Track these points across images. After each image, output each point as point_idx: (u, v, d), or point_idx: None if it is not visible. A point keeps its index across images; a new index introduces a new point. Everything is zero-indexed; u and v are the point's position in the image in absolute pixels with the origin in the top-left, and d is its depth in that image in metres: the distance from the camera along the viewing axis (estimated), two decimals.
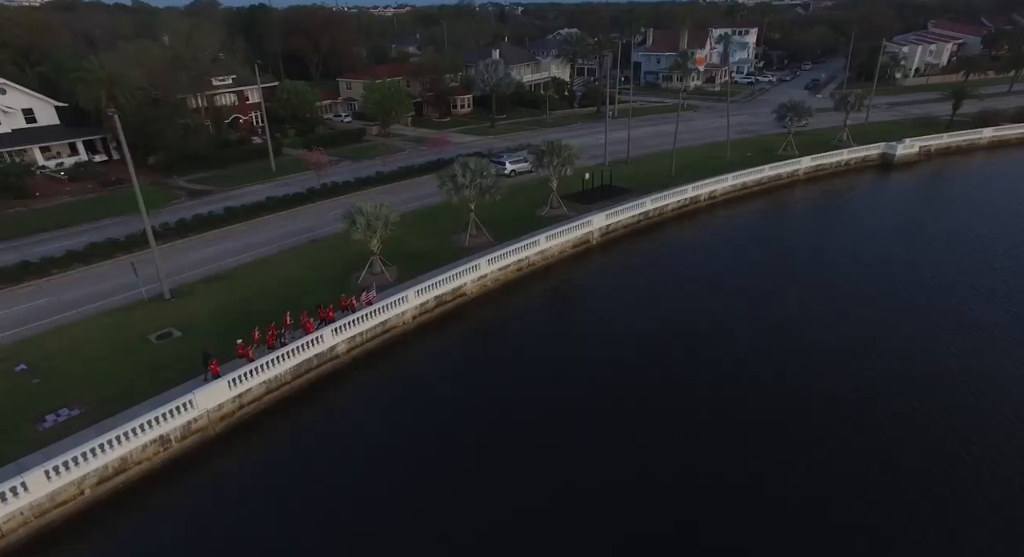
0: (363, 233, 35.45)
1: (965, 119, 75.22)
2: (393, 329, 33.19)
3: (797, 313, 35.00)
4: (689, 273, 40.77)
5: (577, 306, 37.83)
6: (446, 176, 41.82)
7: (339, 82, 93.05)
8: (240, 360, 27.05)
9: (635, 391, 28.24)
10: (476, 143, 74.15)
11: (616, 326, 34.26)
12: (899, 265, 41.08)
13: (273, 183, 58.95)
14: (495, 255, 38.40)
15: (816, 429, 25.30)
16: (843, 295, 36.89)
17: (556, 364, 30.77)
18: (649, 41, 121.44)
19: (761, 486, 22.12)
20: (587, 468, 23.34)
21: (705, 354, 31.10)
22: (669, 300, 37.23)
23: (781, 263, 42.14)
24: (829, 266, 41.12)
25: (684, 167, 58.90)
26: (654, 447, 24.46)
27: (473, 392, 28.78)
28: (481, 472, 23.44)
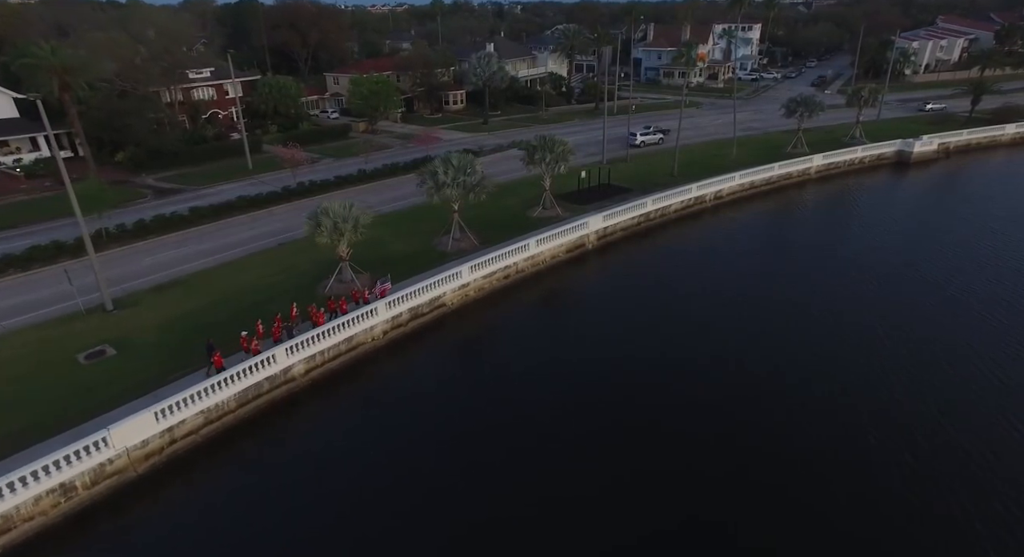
0: (329, 236, 31.64)
1: (984, 115, 71.42)
2: (361, 346, 29.34)
3: (814, 327, 31.15)
4: (694, 281, 36.92)
5: (570, 319, 33.93)
6: (426, 173, 38.04)
7: (326, 77, 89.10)
8: (246, 354, 25.52)
9: (635, 418, 24.42)
10: (467, 140, 70.34)
11: (613, 343, 30.40)
12: (921, 273, 37.24)
13: (248, 181, 55.24)
14: (479, 261, 34.57)
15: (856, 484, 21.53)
16: (868, 307, 33.00)
17: (546, 386, 26.94)
18: (650, 36, 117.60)
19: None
20: (583, 517, 19.52)
21: (714, 376, 27.27)
22: (672, 312, 33.36)
23: (794, 270, 38.28)
24: (847, 275, 37.16)
25: (687, 165, 55.12)
26: (660, 490, 20.63)
27: (452, 420, 24.90)
28: (464, 528, 19.59)
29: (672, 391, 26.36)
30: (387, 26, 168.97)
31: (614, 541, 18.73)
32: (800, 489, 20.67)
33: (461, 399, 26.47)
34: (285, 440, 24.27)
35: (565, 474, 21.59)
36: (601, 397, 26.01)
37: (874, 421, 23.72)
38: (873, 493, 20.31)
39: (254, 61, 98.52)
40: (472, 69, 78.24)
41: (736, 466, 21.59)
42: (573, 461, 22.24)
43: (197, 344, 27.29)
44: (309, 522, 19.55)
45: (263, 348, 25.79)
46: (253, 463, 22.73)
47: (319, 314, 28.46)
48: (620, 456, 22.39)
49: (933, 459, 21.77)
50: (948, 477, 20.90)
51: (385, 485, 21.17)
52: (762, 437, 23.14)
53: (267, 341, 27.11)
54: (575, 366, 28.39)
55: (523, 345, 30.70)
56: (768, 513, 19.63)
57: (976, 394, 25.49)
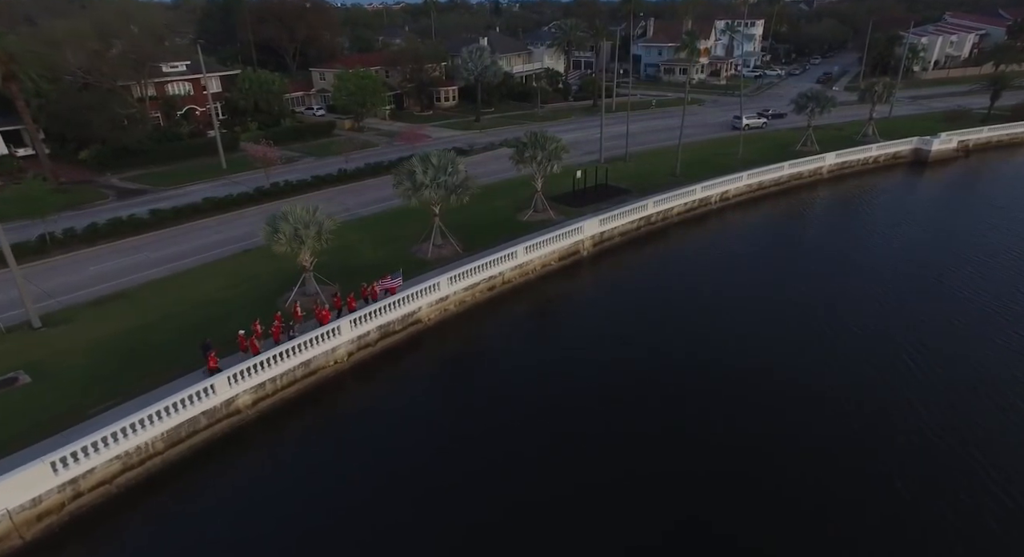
0: (288, 244, 27.91)
1: (1003, 112, 67.71)
2: (321, 371, 25.63)
3: (839, 353, 27.47)
4: (700, 293, 33.22)
5: (562, 337, 30.15)
6: (403, 173, 34.35)
7: (312, 73, 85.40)
8: (243, 355, 23.96)
9: (633, 449, 20.80)
10: (458, 138, 66.73)
11: (610, 366, 26.72)
12: (951, 288, 33.58)
13: (220, 182, 51.56)
14: (460, 272, 30.85)
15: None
16: (895, 325, 29.34)
17: (534, 415, 23.29)
18: (650, 32, 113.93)
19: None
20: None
21: (725, 406, 23.60)
22: (676, 329, 29.68)
23: (810, 283, 34.57)
24: (871, 292, 33.47)
25: (690, 165, 51.42)
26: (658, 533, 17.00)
27: (425, 467, 21.18)
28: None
29: (681, 427, 22.67)
30: (381, 22, 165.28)
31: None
32: (814, 500, 18.94)
33: (437, 435, 22.76)
34: (225, 487, 20.55)
35: (555, 530, 17.90)
36: (598, 436, 22.30)
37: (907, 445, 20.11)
38: (877, 501, 18.66)
39: (239, 57, 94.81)
40: (463, 63, 74.47)
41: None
42: (567, 517, 18.54)
43: (131, 370, 23.76)
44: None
45: (263, 348, 24.12)
46: (184, 517, 19.00)
47: (325, 313, 26.97)
48: (623, 512, 18.70)
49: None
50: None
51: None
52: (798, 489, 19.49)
53: (267, 341, 25.18)
54: (569, 393, 24.72)
55: (509, 367, 26.97)
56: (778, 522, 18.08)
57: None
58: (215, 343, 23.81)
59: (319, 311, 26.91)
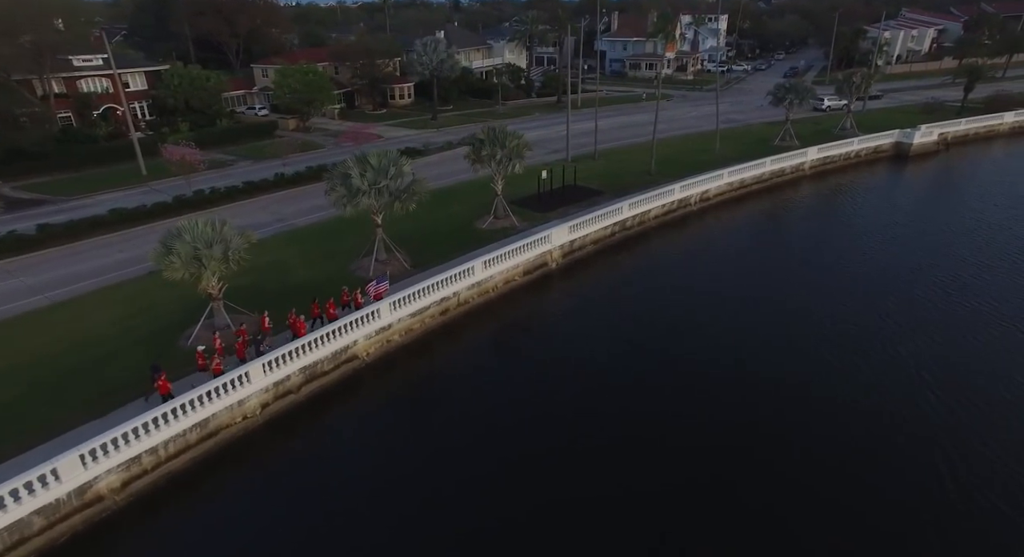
0: (185, 269, 22.30)
1: (976, 105, 66.02)
2: (224, 430, 20.13)
3: (834, 368, 23.36)
4: (686, 309, 28.77)
5: (529, 367, 25.19)
6: (336, 177, 28.99)
7: (253, 69, 78.68)
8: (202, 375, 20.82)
9: (609, 502, 16.09)
10: (413, 138, 61.39)
11: (589, 405, 22.00)
12: (954, 291, 30.05)
13: (138, 189, 45.24)
14: (406, 294, 25.65)
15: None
16: (907, 344, 25.45)
17: (499, 478, 18.36)
18: (614, 26, 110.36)
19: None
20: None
21: (716, 437, 19.13)
22: (660, 355, 25.16)
23: (805, 293, 30.55)
24: (871, 302, 29.66)
25: (665, 162, 47.33)
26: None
27: (363, 539, 16.00)
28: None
29: (665, 471, 18.07)
30: (335, 19, 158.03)
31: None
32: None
33: (378, 509, 17.52)
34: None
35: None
36: (582, 504, 17.48)
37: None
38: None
39: (173, 53, 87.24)
40: (418, 57, 69.00)
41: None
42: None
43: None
44: None
45: (226, 367, 20.74)
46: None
47: (300, 324, 23.51)
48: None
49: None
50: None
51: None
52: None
53: (231, 359, 21.78)
54: (542, 446, 19.81)
55: (467, 413, 21.90)
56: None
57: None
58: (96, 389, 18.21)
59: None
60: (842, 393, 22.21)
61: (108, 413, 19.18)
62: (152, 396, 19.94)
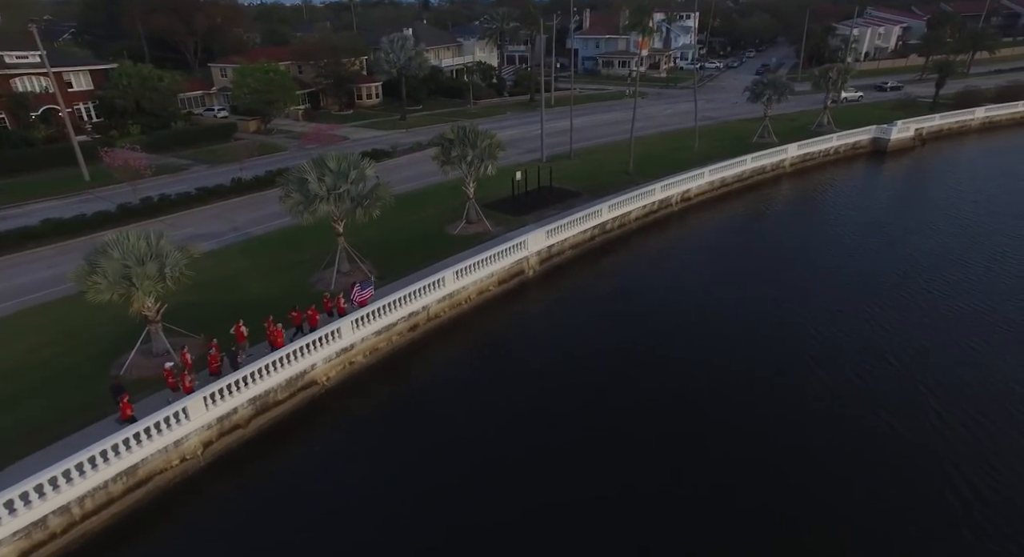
0: (112, 290, 19.57)
1: (947, 100, 66.17)
2: (159, 475, 17.49)
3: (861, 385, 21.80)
4: (674, 319, 26.97)
5: (505, 388, 23.01)
6: (291, 182, 26.44)
7: (211, 69, 74.96)
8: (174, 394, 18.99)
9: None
10: (381, 138, 58.79)
11: (571, 419, 19.96)
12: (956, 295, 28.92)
13: (79, 197, 41.84)
14: (370, 310, 23.27)
15: None
16: (909, 352, 24.05)
17: (472, 522, 16.15)
18: (586, 24, 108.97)
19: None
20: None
21: (711, 473, 17.30)
22: (648, 365, 23.27)
23: (795, 294, 29.04)
24: (873, 309, 28.28)
25: (643, 161, 45.70)
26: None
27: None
28: None
29: (657, 501, 16.13)
30: (300, 18, 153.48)
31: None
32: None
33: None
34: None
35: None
36: (560, 523, 15.39)
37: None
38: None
39: (125, 51, 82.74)
40: (384, 55, 66.27)
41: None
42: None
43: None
44: None
45: (196, 386, 18.92)
46: None
47: (278, 333, 21.57)
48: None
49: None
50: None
51: None
52: None
53: (202, 374, 20.01)
54: (530, 484, 17.68)
55: (439, 439, 19.63)
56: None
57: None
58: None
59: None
60: (841, 397, 20.59)
61: (7, 466, 16.37)
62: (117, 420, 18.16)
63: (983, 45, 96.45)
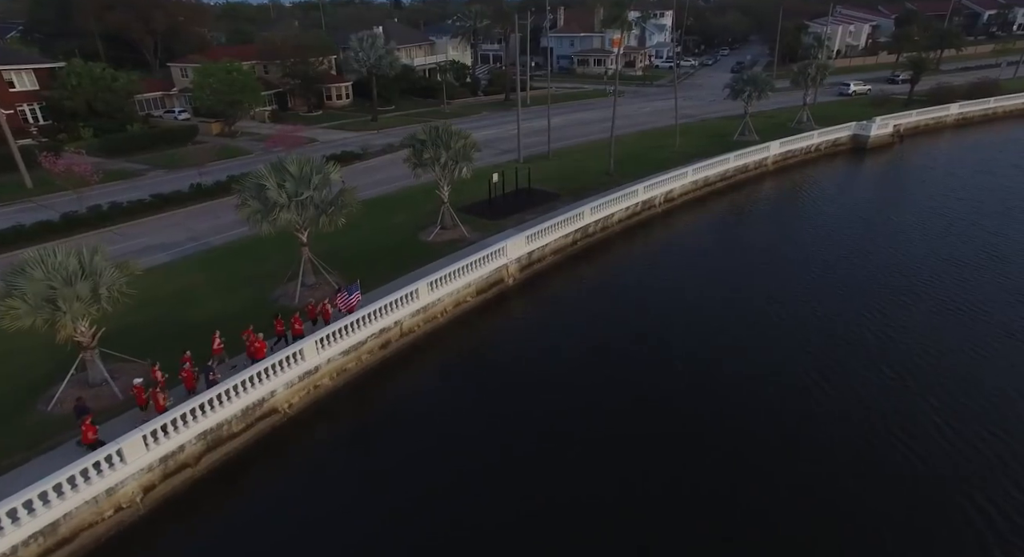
0: (33, 315, 17.20)
1: (920, 97, 66.35)
2: (86, 531, 15.21)
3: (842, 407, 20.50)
4: (664, 329, 25.45)
5: (486, 408, 21.17)
6: (248, 189, 24.21)
7: (171, 69, 71.56)
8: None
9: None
10: (351, 140, 56.49)
11: (555, 445, 18.22)
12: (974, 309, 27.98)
13: (17, 206, 38.96)
14: (336, 328, 21.18)
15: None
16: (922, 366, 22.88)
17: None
18: (561, 22, 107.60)
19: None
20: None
21: (711, 504, 15.76)
22: (639, 380, 21.67)
23: (792, 300, 27.78)
24: (862, 303, 27.20)
25: (624, 161, 44.32)
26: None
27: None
28: None
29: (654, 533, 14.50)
30: (267, 18, 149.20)
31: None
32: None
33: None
34: None
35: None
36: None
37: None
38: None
39: (76, 50, 78.54)
40: (354, 53, 63.80)
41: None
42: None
43: None
44: None
45: (169, 405, 17.49)
46: None
47: (259, 344, 20.14)
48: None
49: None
50: None
51: None
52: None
53: (177, 389, 18.48)
54: (504, 500, 15.86)
55: (413, 471, 17.70)
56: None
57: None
58: None
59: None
60: (840, 406, 19.25)
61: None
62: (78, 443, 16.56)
63: (951, 43, 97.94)
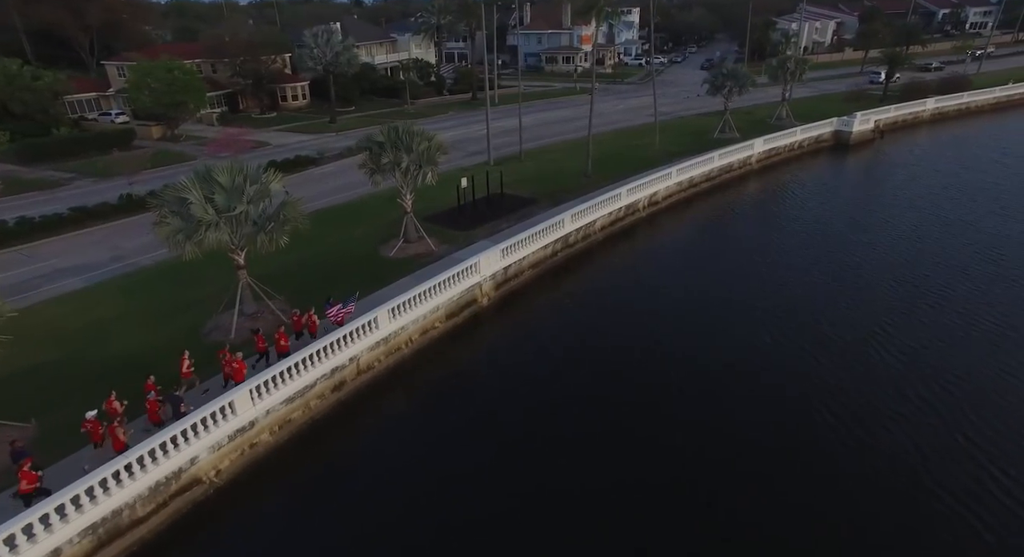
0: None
1: (893, 92, 65.49)
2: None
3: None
4: (655, 347, 22.46)
5: (460, 457, 17.73)
6: (166, 203, 20.30)
7: (106, 67, 65.92)
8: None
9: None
10: (308, 144, 52.36)
11: (544, 502, 14.98)
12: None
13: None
14: (276, 373, 17.44)
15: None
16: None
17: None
18: (527, 19, 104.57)
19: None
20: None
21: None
22: (641, 417, 18.60)
23: (794, 311, 25.10)
24: (866, 308, 24.74)
25: (602, 161, 41.37)
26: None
27: None
28: None
29: None
30: (220, 15, 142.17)
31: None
32: None
33: None
34: None
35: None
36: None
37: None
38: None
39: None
40: (308, 50, 59.44)
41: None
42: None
43: None
44: None
45: (131, 442, 14.85)
46: None
47: (238, 365, 17.69)
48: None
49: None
50: None
51: None
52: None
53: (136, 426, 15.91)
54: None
55: (377, 541, 14.23)
56: None
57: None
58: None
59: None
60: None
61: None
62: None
63: (916, 39, 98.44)
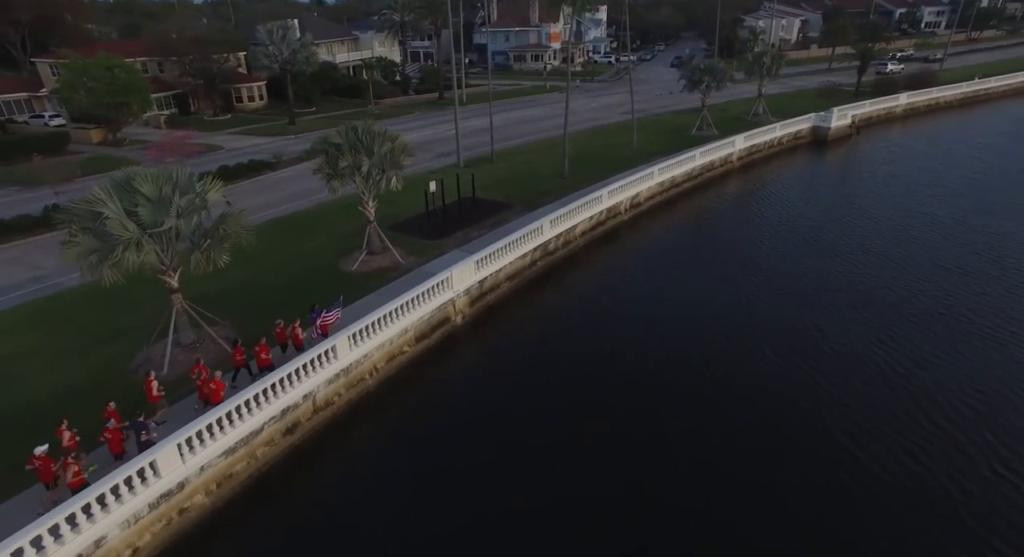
0: None
1: (865, 88, 65.30)
2: None
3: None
4: (645, 366, 20.26)
5: (431, 505, 15.18)
6: (77, 219, 17.19)
7: (38, 66, 61.03)
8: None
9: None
10: (264, 147, 49.04)
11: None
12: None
13: None
14: (215, 420, 14.56)
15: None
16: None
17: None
18: (494, 16, 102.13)
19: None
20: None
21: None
22: (635, 447, 16.35)
23: (790, 319, 23.25)
24: (864, 312, 23.04)
25: (579, 161, 39.25)
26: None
27: None
28: None
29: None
30: (171, 14, 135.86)
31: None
32: None
33: None
34: None
35: None
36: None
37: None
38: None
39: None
40: (263, 47, 55.83)
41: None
42: None
43: None
44: None
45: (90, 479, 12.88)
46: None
47: (218, 385, 15.81)
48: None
49: None
50: None
51: None
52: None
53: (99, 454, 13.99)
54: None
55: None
56: None
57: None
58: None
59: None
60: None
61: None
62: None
63: (880, 36, 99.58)
